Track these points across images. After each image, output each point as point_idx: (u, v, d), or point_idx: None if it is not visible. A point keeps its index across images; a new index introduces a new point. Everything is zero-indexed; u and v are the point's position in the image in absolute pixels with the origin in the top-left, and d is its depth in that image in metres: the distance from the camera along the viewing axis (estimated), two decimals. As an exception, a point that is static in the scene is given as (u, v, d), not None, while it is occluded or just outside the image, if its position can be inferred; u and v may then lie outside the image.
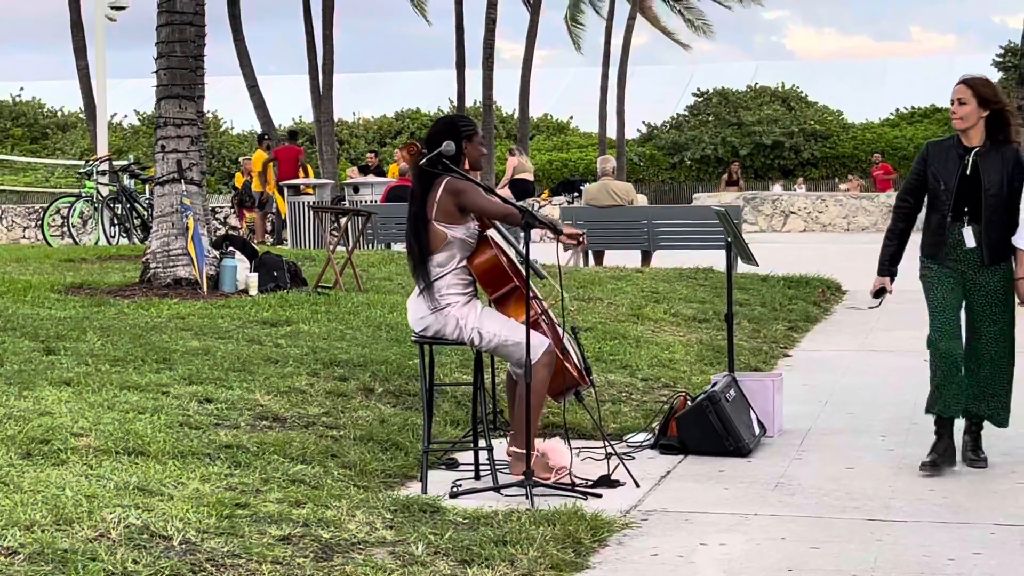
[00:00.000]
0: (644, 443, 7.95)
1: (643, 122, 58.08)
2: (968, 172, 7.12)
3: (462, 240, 6.88)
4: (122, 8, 22.48)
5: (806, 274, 15.85)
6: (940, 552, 5.81)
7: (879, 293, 7.43)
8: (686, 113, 58.44)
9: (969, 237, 7.12)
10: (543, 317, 7.06)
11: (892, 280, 7.43)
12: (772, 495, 6.90)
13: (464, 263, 6.92)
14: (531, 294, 6.86)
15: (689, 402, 7.92)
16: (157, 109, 12.90)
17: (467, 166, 7.12)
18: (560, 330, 7.19)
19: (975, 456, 7.29)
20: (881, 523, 6.31)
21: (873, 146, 50.55)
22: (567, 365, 6.99)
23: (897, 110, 56.92)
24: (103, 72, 23.03)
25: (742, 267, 15.63)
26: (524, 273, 6.88)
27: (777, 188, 39.57)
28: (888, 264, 7.39)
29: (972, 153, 7.12)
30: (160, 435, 6.89)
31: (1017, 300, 7.14)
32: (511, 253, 7.07)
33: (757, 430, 8.03)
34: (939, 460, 7.12)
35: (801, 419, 8.68)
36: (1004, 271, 7.18)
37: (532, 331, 6.73)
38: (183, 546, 5.23)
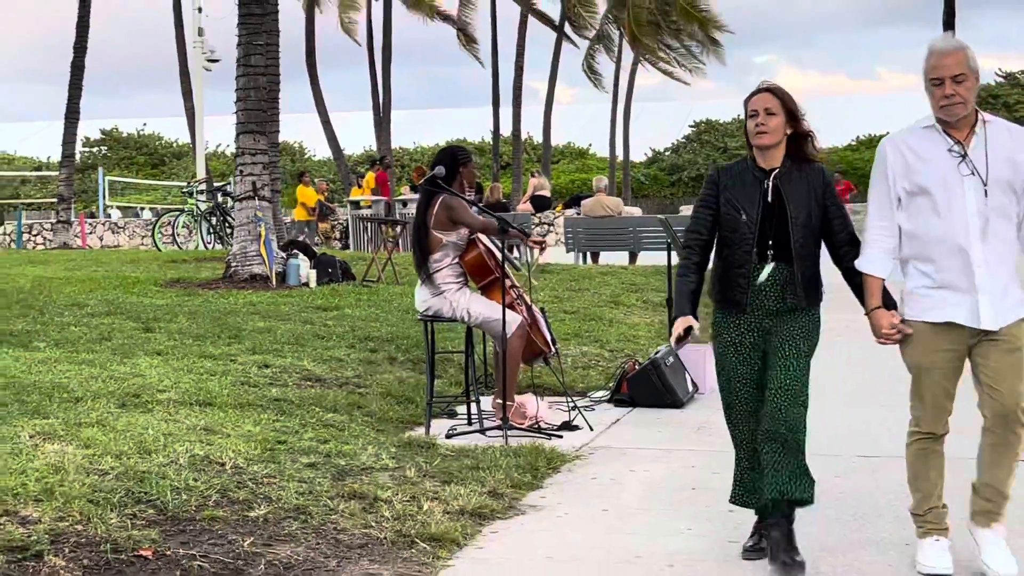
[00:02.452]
0: (603, 398, 8.39)
1: (650, 148, 58.43)
2: (769, 199, 4.77)
3: (454, 243, 7.34)
4: (216, 61, 23.06)
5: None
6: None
7: (685, 335, 4.89)
8: (684, 140, 58.77)
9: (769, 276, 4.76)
10: (518, 300, 7.52)
11: (696, 318, 4.92)
12: (694, 436, 7.33)
13: (457, 260, 7.39)
14: (509, 283, 7.35)
15: (637, 366, 8.36)
16: (237, 142, 13.42)
17: (465, 185, 7.59)
18: (534, 310, 7.66)
19: (790, 559, 4.70)
20: (772, 456, 6.73)
21: (836, 166, 50.65)
22: (535, 338, 7.46)
23: (857, 137, 57.02)
24: (201, 112, 23.68)
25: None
26: (502, 267, 7.35)
27: None
28: (690, 302, 4.89)
29: (771, 176, 4.79)
30: (225, 391, 7.35)
31: (875, 337, 4.78)
32: (495, 251, 7.53)
33: (691, 388, 8.46)
34: (762, 543, 4.98)
35: (730, 381, 9.08)
36: (811, 313, 4.85)
37: (508, 311, 7.21)
38: (233, 469, 5.68)
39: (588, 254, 18.50)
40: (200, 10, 24.59)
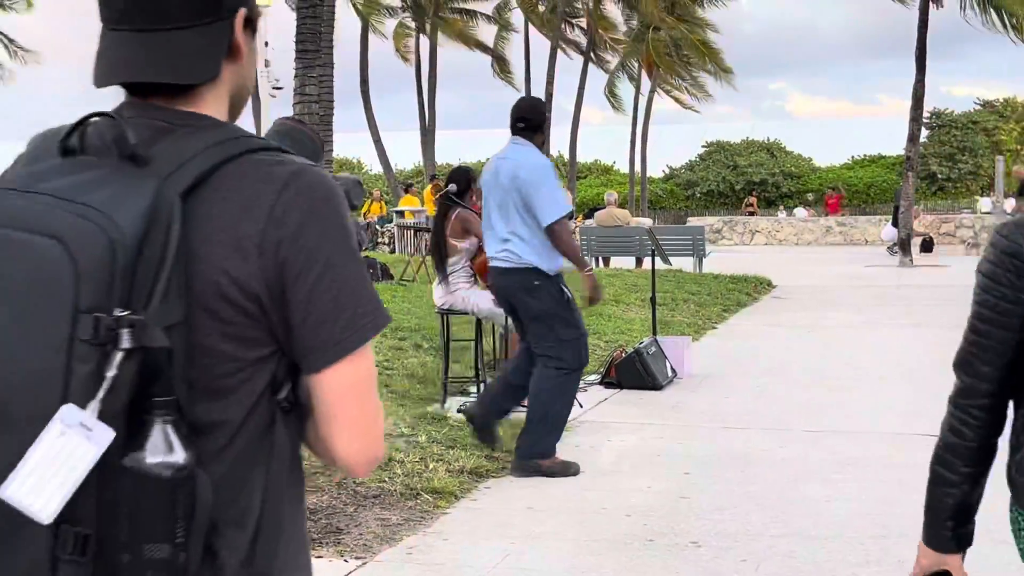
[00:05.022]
0: (594, 382, 8.73)
1: (667, 165, 58.74)
2: None
3: (467, 249, 7.76)
4: (280, 88, 23.61)
5: (747, 274, 16.39)
6: (758, 444, 6.60)
7: None
8: (697, 159, 58.98)
9: None
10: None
11: (964, 553, 1.97)
12: (667, 413, 7.69)
13: (468, 263, 7.81)
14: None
15: (624, 354, 8.73)
16: (294, 160, 13.86)
17: (474, 199, 8.03)
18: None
19: None
20: (729, 430, 7.07)
21: (833, 183, 50.74)
22: (533, 328, 7.85)
23: (852, 157, 57.11)
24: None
25: (706, 267, 16.33)
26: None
27: (801, 211, 39.22)
28: (955, 525, 1.95)
29: None
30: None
31: None
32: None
33: (670, 374, 8.80)
34: None
35: (707, 368, 9.38)
36: None
37: (511, 305, 7.61)
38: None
39: (600, 259, 18.85)
40: (267, 44, 25.17)
